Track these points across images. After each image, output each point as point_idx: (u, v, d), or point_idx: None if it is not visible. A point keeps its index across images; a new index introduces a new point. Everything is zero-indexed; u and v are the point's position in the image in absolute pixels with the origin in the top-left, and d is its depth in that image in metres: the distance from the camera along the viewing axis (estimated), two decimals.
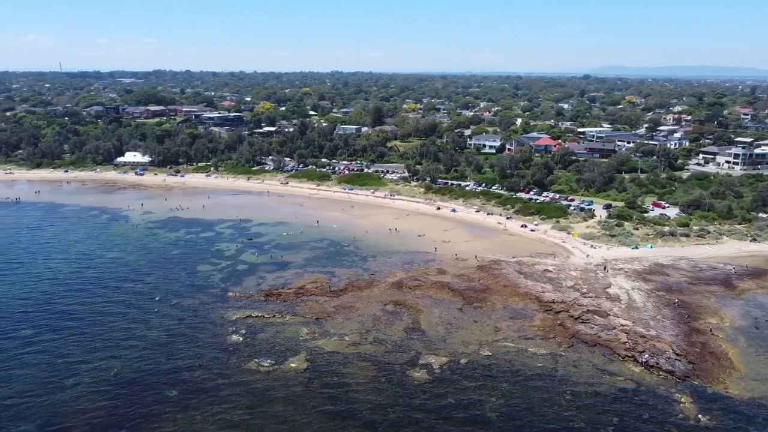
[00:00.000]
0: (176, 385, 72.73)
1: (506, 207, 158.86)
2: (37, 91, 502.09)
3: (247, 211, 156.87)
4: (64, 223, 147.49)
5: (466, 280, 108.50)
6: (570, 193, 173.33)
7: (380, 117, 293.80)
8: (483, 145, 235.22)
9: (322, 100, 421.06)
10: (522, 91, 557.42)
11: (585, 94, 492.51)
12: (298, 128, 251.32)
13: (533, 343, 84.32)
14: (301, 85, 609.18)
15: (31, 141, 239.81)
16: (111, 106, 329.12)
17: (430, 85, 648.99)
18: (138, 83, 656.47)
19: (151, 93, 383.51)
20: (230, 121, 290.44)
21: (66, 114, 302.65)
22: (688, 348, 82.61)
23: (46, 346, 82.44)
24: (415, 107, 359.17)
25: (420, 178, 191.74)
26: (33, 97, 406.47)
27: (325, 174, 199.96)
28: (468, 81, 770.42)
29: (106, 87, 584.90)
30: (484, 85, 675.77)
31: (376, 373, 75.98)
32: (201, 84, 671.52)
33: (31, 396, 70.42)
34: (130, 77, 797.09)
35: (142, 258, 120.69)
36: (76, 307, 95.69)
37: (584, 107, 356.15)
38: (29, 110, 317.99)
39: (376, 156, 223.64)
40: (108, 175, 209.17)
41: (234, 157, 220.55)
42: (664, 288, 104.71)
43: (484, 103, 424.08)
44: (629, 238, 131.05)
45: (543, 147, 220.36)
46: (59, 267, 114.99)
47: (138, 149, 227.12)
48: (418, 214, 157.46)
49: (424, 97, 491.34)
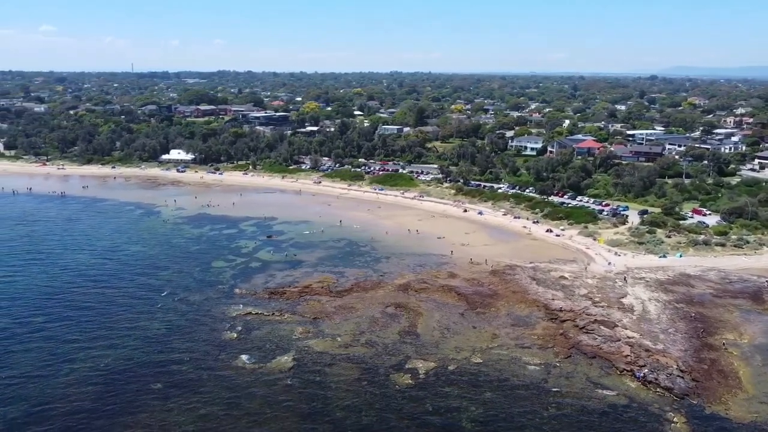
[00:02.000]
0: (162, 377, 74.24)
1: (535, 211, 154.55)
2: (105, 90, 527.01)
3: (274, 210, 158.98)
4: (99, 217, 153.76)
5: (476, 284, 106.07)
6: (606, 197, 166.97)
7: (423, 117, 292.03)
8: (524, 146, 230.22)
9: (371, 100, 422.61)
10: (580, 92, 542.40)
11: (645, 95, 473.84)
12: (338, 128, 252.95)
13: (529, 352, 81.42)
14: (357, 86, 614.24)
15: (86, 138, 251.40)
16: (164, 105, 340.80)
17: (486, 85, 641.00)
18: (201, 83, 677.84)
19: (203, 93, 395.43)
20: (275, 120, 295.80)
21: (122, 112, 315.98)
22: (694, 364, 77.76)
23: (53, 333, 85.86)
24: (461, 108, 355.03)
25: (453, 179, 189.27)
26: (96, 96, 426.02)
27: (359, 174, 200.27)
28: (527, 82, 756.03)
29: (170, 87, 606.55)
30: (543, 86, 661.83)
31: (359, 375, 75.18)
32: (260, 84, 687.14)
33: (27, 379, 73.48)
34: (195, 77, 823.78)
35: (162, 252, 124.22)
36: (89, 297, 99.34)
37: (637, 109, 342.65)
38: (90, 109, 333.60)
39: (414, 156, 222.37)
40: (151, 171, 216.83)
41: (272, 156, 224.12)
42: (684, 300, 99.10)
43: (536, 104, 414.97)
44: (658, 247, 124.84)
45: (586, 150, 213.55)
46: (83, 259, 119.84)
47: (182, 147, 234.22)
48: (443, 216, 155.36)
49: (477, 98, 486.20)
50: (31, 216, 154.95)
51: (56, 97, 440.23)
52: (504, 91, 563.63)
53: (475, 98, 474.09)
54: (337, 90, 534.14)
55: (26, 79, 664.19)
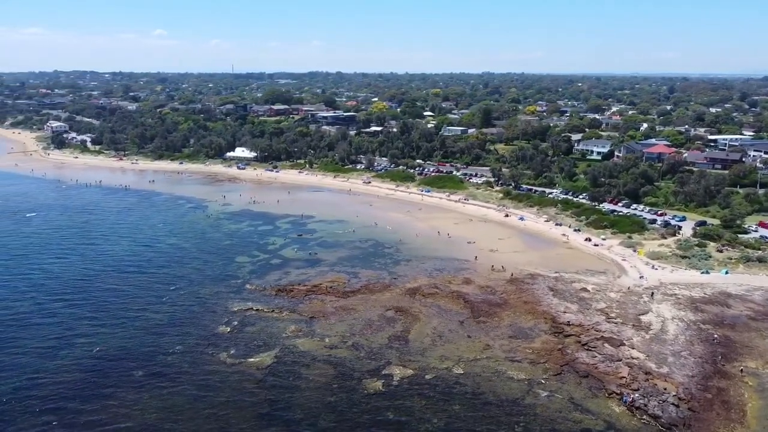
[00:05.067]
0: (145, 366, 76.80)
1: (580, 218, 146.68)
2: (198, 90, 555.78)
3: (314, 208, 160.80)
4: (150, 210, 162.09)
5: (488, 292, 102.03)
6: (664, 206, 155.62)
7: (489, 119, 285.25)
8: (590, 150, 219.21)
9: (446, 101, 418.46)
10: (676, 94, 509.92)
11: (747, 97, 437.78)
12: (400, 128, 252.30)
13: (517, 366, 77.17)
14: (443, 86, 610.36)
15: (164, 135, 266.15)
16: (240, 104, 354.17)
17: (575, 86, 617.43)
18: (291, 84, 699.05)
19: (279, 92, 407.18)
20: (341, 120, 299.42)
21: (201, 111, 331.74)
22: (697, 392, 70.64)
23: (65, 318, 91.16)
24: (534, 109, 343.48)
25: (504, 182, 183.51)
26: (185, 96, 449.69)
27: (409, 175, 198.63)
28: (622, 83, 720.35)
29: (260, 87, 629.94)
30: (638, 87, 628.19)
31: (332, 378, 74.29)
32: (347, 84, 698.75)
33: (27, 359, 78.46)
34: (287, 78, 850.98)
35: (194, 246, 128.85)
36: (111, 285, 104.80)
37: (726, 112, 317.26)
38: (174, 108, 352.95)
39: (472, 159, 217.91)
40: (214, 168, 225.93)
41: (329, 155, 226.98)
42: (713, 321, 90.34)
43: (618, 106, 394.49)
44: (702, 261, 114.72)
45: (656, 155, 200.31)
46: (121, 248, 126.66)
47: (246, 145, 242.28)
48: (482, 221, 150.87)
49: (561, 99, 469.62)
50: (92, 206, 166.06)
51: (152, 96, 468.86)
52: (592, 92, 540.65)
53: (557, 99, 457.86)
54: (418, 90, 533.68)
55: (132, 80, 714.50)
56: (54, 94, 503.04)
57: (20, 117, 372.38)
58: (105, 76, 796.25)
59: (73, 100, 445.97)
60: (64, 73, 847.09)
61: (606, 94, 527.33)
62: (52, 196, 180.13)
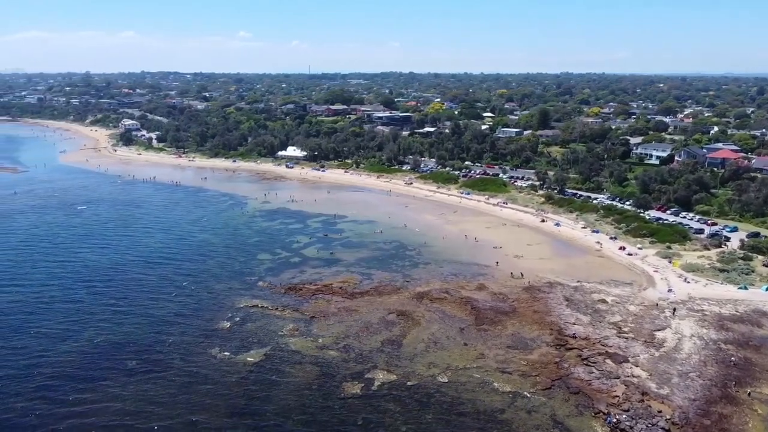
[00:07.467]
0: (140, 357, 79.28)
1: (620, 225, 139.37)
2: (270, 91, 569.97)
3: (349, 208, 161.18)
4: (193, 206, 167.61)
5: (499, 299, 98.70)
6: (718, 216, 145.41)
7: (546, 120, 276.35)
8: (648, 154, 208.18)
9: (509, 101, 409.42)
10: (765, 96, 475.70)
11: None
12: (451, 129, 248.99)
13: (506, 378, 74.10)
14: (515, 87, 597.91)
15: (223, 133, 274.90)
16: (300, 104, 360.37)
17: (653, 87, 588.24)
18: (362, 84, 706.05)
19: (338, 93, 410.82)
20: (396, 120, 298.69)
21: (263, 110, 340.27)
22: (695, 417, 65.34)
23: (81, 307, 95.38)
24: (597, 111, 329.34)
25: (549, 186, 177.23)
26: (253, 96, 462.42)
27: (452, 176, 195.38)
28: (708, 84, 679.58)
29: (330, 87, 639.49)
30: (724, 88, 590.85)
31: (314, 379, 74.01)
32: (418, 85, 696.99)
33: (37, 341, 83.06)
34: (359, 78, 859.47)
35: (222, 242, 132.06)
36: (135, 276, 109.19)
37: None
38: (239, 107, 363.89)
39: (522, 161, 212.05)
40: (264, 166, 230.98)
41: (378, 155, 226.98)
42: (737, 341, 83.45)
43: (692, 108, 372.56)
44: (743, 276, 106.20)
45: (719, 160, 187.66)
46: (152, 242, 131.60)
47: (297, 144, 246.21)
48: (515, 225, 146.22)
49: (636, 100, 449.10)
50: (140, 200, 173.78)
51: (223, 96, 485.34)
52: (670, 93, 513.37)
53: (631, 101, 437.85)
54: (486, 91, 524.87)
55: (211, 80, 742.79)
56: (134, 94, 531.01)
57: (99, 115, 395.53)
58: (186, 77, 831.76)
59: (150, 100, 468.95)
60: (150, 73, 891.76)
61: (686, 95, 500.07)
62: (107, 190, 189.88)
